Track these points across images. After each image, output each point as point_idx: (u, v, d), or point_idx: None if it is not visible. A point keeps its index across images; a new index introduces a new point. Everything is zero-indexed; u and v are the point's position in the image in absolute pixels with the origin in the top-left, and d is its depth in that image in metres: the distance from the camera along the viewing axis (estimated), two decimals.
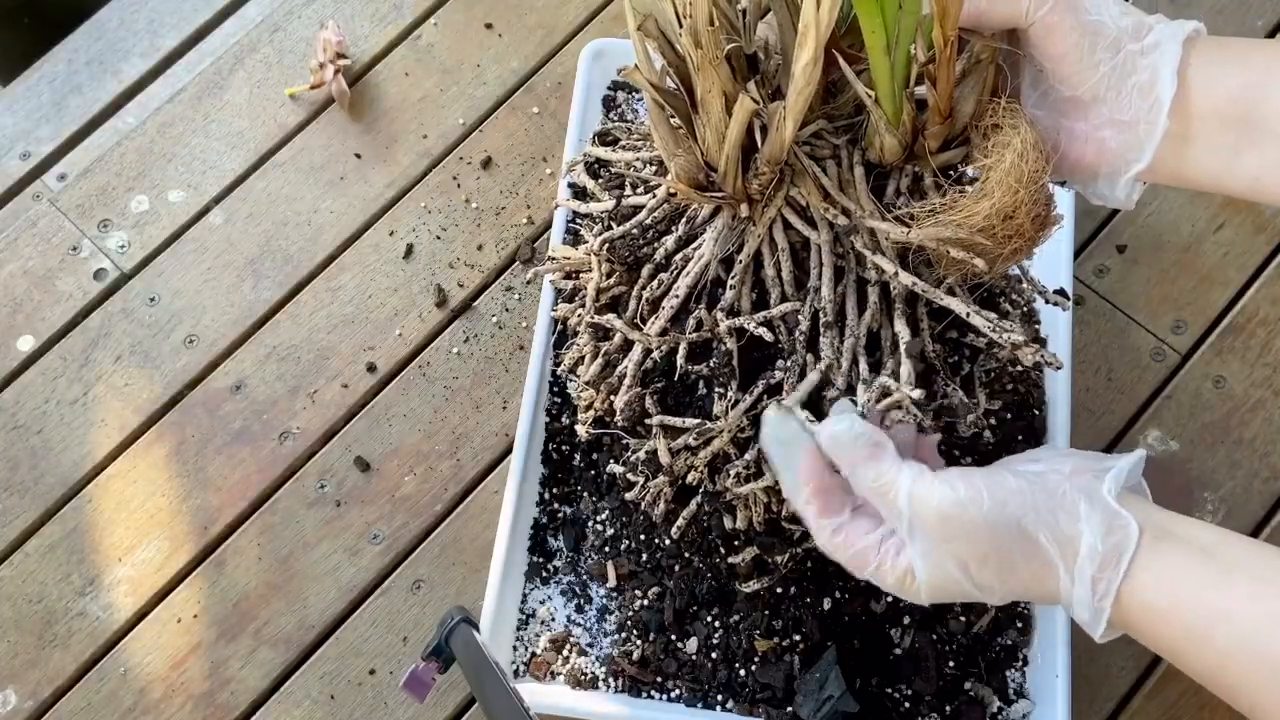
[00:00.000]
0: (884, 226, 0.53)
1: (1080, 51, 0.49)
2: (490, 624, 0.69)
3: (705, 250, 0.56)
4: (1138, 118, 0.50)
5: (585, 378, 0.59)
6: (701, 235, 0.57)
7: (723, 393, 0.55)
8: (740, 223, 0.55)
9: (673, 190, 0.56)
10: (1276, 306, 0.82)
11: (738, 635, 0.69)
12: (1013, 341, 0.53)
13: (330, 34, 0.91)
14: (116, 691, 0.75)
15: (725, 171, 0.53)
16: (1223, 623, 0.44)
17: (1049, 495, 0.48)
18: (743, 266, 0.56)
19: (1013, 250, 0.52)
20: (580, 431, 0.62)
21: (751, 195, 0.54)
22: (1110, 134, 0.51)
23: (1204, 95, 0.49)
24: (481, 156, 0.89)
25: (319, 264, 0.86)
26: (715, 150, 0.52)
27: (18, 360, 0.84)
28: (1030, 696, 0.69)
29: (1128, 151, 0.51)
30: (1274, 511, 0.77)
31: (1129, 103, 0.50)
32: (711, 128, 0.51)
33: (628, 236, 0.59)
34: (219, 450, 0.81)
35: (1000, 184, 0.50)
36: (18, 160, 0.91)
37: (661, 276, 0.57)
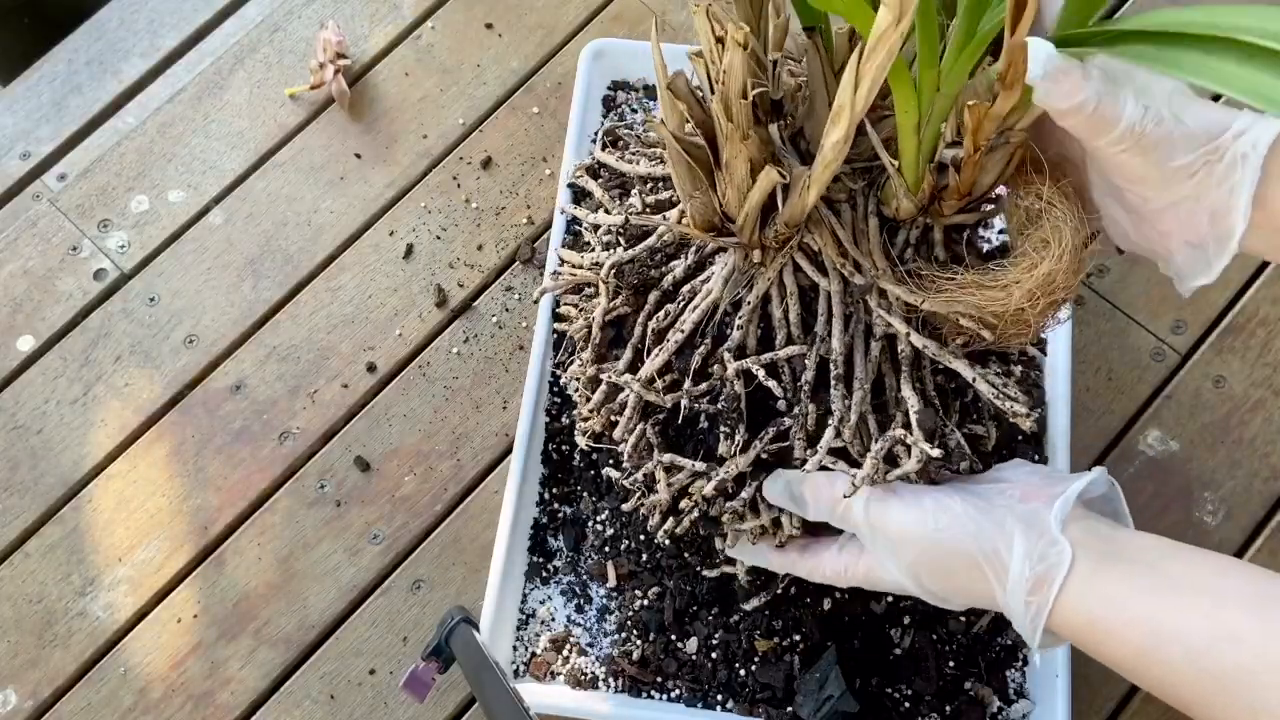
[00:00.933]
0: (898, 290, 0.53)
1: (1149, 182, 0.46)
2: (490, 624, 0.69)
3: (714, 289, 0.56)
4: (1207, 242, 0.47)
5: (589, 407, 0.59)
6: (710, 266, 0.57)
7: (729, 432, 0.55)
8: (752, 266, 0.55)
9: (685, 228, 0.56)
10: (1276, 306, 0.82)
11: (738, 635, 0.69)
12: (1014, 411, 0.54)
13: (330, 34, 0.91)
14: (116, 691, 0.75)
15: (742, 225, 0.53)
16: (1167, 639, 0.46)
17: (990, 520, 0.50)
18: (750, 308, 0.55)
19: (1017, 335, 0.53)
20: (580, 442, 0.63)
21: (765, 244, 0.54)
22: (1177, 247, 0.48)
23: None
24: (481, 156, 0.89)
25: (319, 264, 0.86)
26: (735, 205, 0.52)
27: (18, 360, 0.84)
28: (1030, 696, 0.69)
29: (1194, 267, 0.48)
30: (1274, 511, 0.77)
31: (1199, 227, 0.47)
32: (734, 187, 0.51)
33: (637, 260, 0.59)
34: (219, 450, 0.81)
35: (1025, 289, 0.49)
36: (18, 160, 0.91)
37: (668, 307, 0.57)
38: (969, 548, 0.50)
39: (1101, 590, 0.48)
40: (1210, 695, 0.45)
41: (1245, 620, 0.44)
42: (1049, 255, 0.49)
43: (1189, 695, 0.46)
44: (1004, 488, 0.53)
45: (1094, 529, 0.50)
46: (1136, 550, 0.49)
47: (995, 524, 0.50)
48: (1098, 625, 0.48)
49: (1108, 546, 0.49)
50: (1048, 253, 0.49)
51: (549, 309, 0.76)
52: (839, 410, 0.54)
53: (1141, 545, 0.49)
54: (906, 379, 0.55)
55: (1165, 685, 0.47)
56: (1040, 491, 0.52)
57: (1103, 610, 0.48)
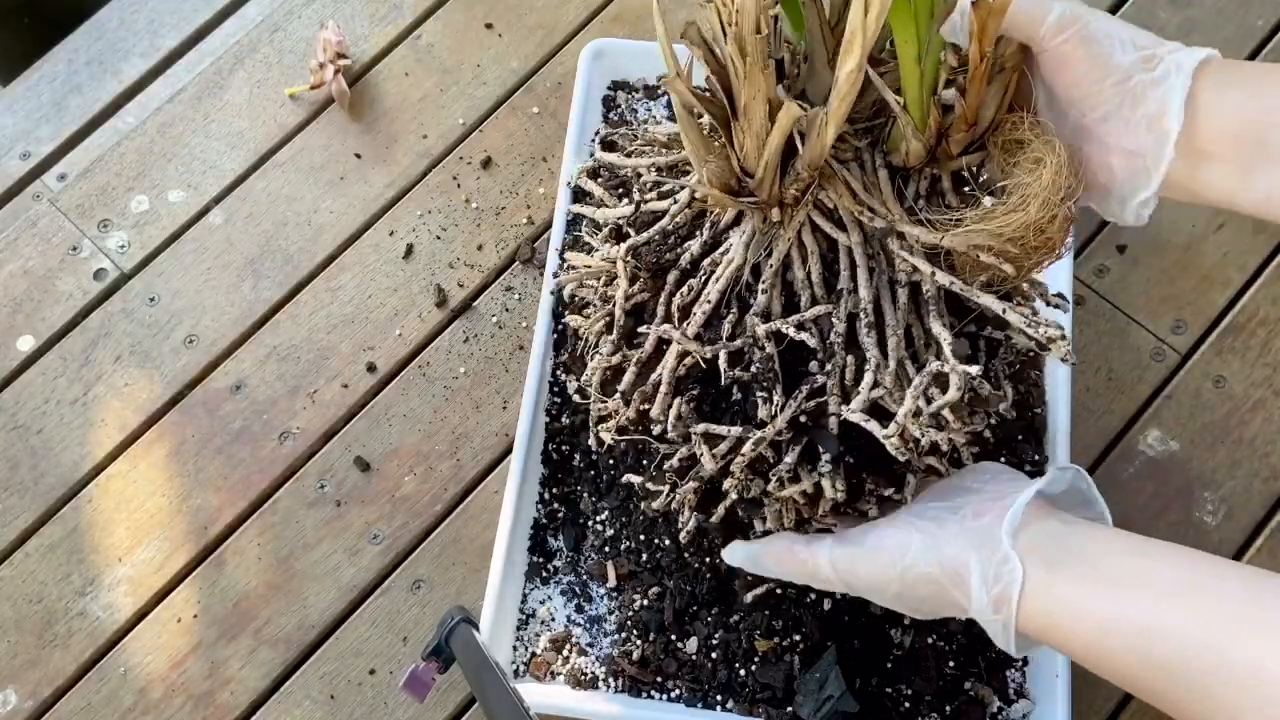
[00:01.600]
0: (916, 230, 0.54)
1: (1091, 81, 0.51)
2: (490, 624, 0.69)
3: (735, 255, 0.56)
4: (1145, 149, 0.50)
5: (620, 391, 0.59)
6: (727, 240, 0.57)
7: (766, 397, 0.54)
8: (771, 227, 0.55)
9: (702, 195, 0.56)
10: (1276, 306, 0.82)
11: (738, 635, 0.69)
12: (1048, 336, 0.54)
13: (330, 34, 0.91)
14: (116, 691, 0.75)
15: (762, 177, 0.53)
16: (1109, 633, 0.48)
17: (949, 548, 0.52)
18: (773, 270, 0.56)
19: (1039, 259, 0.54)
20: (606, 439, 0.61)
21: (784, 200, 0.54)
22: (1118, 161, 0.52)
23: (1216, 118, 0.50)
24: (481, 156, 0.89)
25: (319, 264, 0.86)
26: (754, 156, 0.52)
27: (18, 360, 0.84)
28: (1030, 696, 0.69)
29: (1134, 179, 0.52)
30: (1274, 511, 0.77)
31: (1137, 134, 0.50)
32: (752, 134, 0.51)
33: (652, 243, 0.59)
34: (219, 450, 0.81)
35: (1037, 198, 0.51)
36: (18, 160, 0.91)
37: (690, 282, 0.57)
38: (936, 578, 0.52)
39: (1051, 592, 0.50)
40: (1153, 683, 0.47)
41: (1173, 609, 0.46)
42: (1050, 162, 0.51)
43: (1137, 684, 0.48)
44: (959, 504, 0.54)
45: (1045, 531, 0.52)
46: (1081, 547, 0.51)
47: (954, 551, 0.52)
48: (1055, 625, 0.50)
49: (1056, 548, 0.51)
50: (1047, 162, 0.51)
51: (549, 309, 0.76)
52: (874, 359, 0.54)
53: (1087, 541, 0.51)
54: (935, 317, 0.55)
55: (1118, 677, 0.49)
56: (994, 504, 0.53)
57: (1056, 611, 0.50)
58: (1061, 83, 0.52)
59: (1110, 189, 0.53)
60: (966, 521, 0.53)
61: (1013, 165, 0.53)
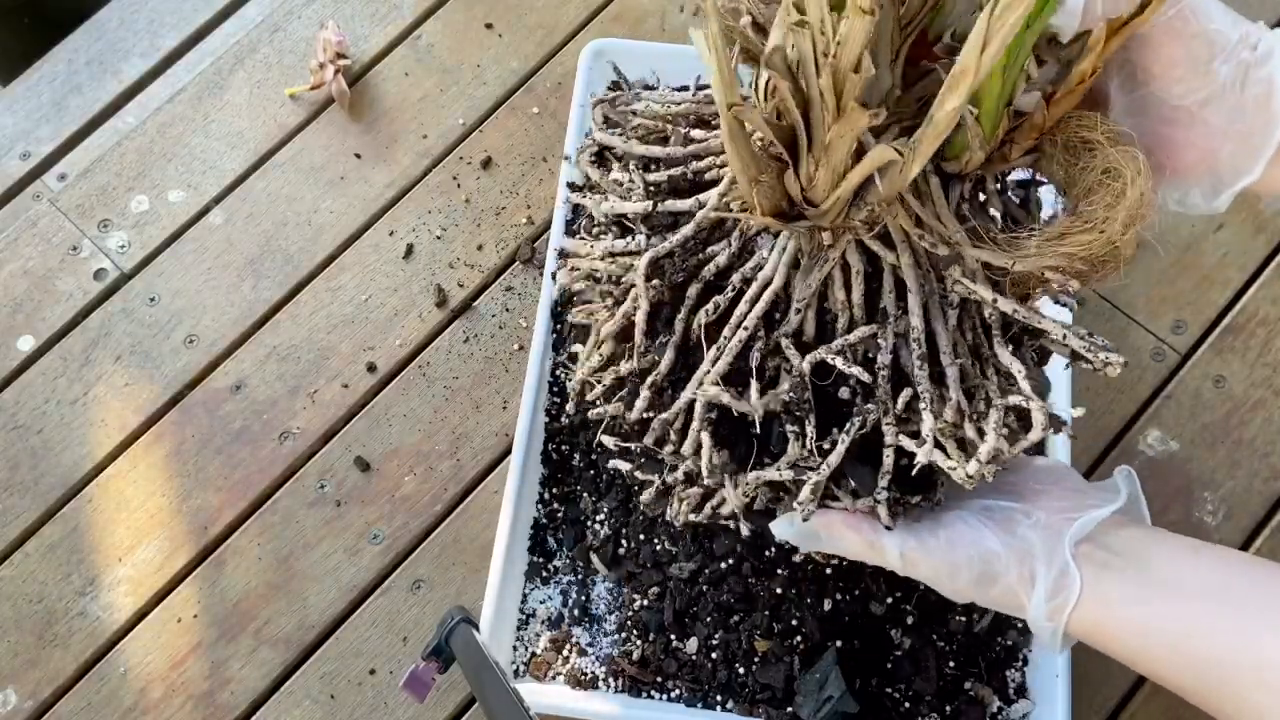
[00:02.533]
0: (982, 255, 0.51)
1: (1196, 60, 0.48)
2: (490, 624, 0.69)
3: (775, 276, 0.52)
4: (1253, 129, 0.48)
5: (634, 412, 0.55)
6: (757, 251, 0.53)
7: (798, 432, 0.51)
8: (819, 249, 0.51)
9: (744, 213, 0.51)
10: (1276, 306, 0.82)
11: (738, 635, 0.69)
12: (1108, 360, 0.52)
13: (330, 34, 0.91)
14: (116, 691, 0.75)
15: (829, 208, 0.48)
16: (1152, 637, 0.49)
17: (1017, 552, 0.52)
18: (811, 292, 0.52)
19: (1105, 273, 0.51)
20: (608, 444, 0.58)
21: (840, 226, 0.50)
22: (1221, 144, 0.49)
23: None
24: (481, 156, 0.89)
25: (319, 264, 0.86)
26: (825, 187, 0.48)
27: (18, 360, 0.84)
28: (1030, 696, 0.69)
29: (1239, 163, 0.49)
30: (1274, 511, 0.77)
31: (1246, 114, 0.48)
32: (829, 169, 0.47)
33: (675, 255, 0.54)
34: (219, 450, 0.81)
35: (1122, 214, 0.48)
36: (18, 160, 0.91)
37: (716, 300, 0.53)
38: (1009, 583, 0.53)
39: (1098, 597, 0.50)
40: (1194, 684, 0.48)
41: (1211, 611, 0.47)
42: (1131, 176, 0.48)
43: (1179, 685, 0.49)
44: (1029, 508, 0.54)
45: (1099, 539, 0.52)
46: (1128, 551, 0.51)
47: (1022, 555, 0.52)
48: (1100, 629, 0.51)
49: (1105, 552, 0.51)
50: (1128, 175, 0.48)
51: (549, 308, 0.76)
52: (927, 391, 0.51)
53: (1133, 545, 0.52)
54: (1000, 345, 0.52)
55: (1160, 678, 0.50)
56: (1060, 515, 0.53)
57: (1102, 616, 0.50)
58: (1162, 60, 0.48)
59: (1204, 177, 0.50)
60: (1038, 529, 0.53)
61: (1079, 169, 0.50)
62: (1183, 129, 0.50)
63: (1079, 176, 0.50)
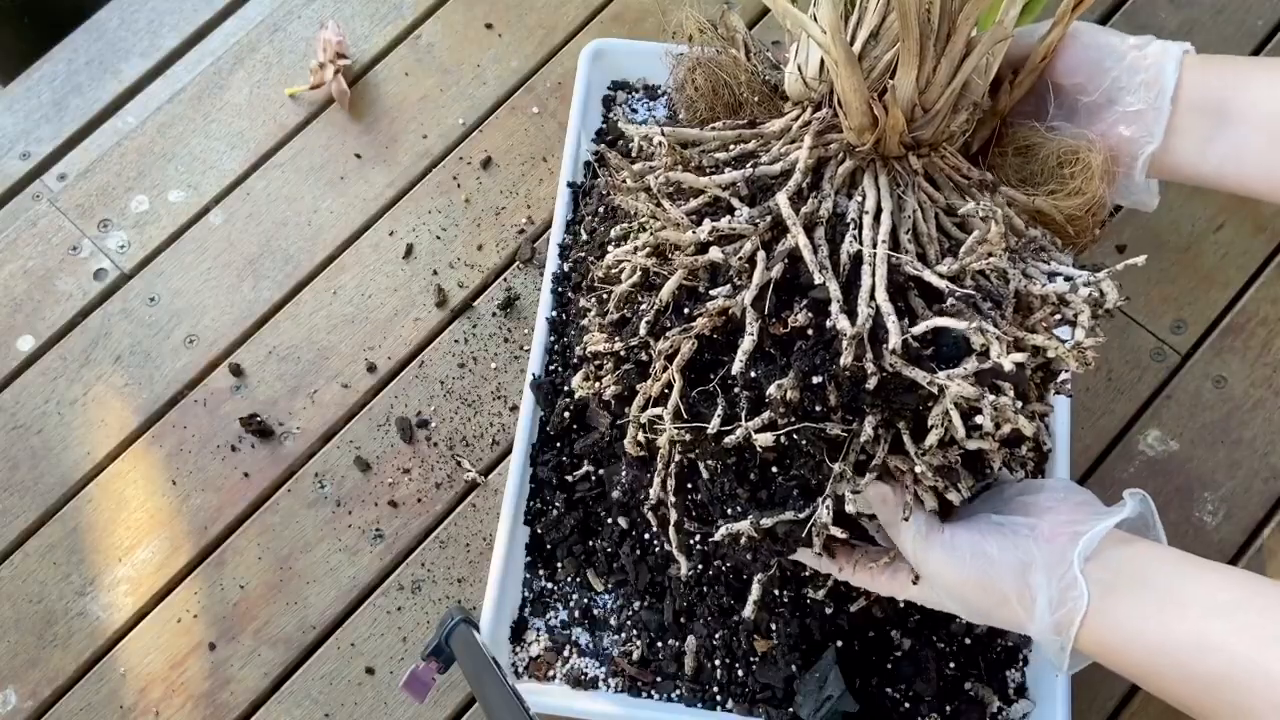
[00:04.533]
0: (1013, 192, 0.59)
1: (1089, 64, 0.59)
2: (490, 624, 0.69)
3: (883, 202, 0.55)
4: (1146, 106, 0.58)
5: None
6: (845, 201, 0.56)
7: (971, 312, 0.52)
8: (911, 175, 0.56)
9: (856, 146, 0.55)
10: (1276, 306, 0.82)
11: (738, 635, 0.69)
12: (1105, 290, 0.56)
13: (330, 34, 0.91)
14: (116, 691, 0.75)
15: (941, 107, 0.55)
16: (1158, 653, 0.49)
17: (1019, 563, 0.53)
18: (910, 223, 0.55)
19: (1083, 243, 0.60)
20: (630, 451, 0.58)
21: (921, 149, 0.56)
22: (1124, 127, 0.58)
23: (1186, 94, 0.57)
24: (481, 156, 0.89)
25: (319, 264, 0.86)
26: (941, 83, 0.54)
27: (18, 360, 0.84)
28: (1030, 696, 0.69)
29: (1140, 136, 0.58)
30: (1274, 511, 0.77)
31: (1139, 96, 0.58)
32: (950, 58, 0.53)
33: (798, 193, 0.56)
34: (219, 450, 0.81)
35: (1097, 176, 0.57)
36: (18, 160, 0.91)
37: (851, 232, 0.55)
38: (1003, 588, 0.54)
39: (1106, 614, 0.51)
40: (1200, 700, 0.48)
41: (1219, 627, 0.47)
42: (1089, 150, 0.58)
43: (1186, 702, 0.49)
44: (1035, 522, 0.55)
45: (1106, 553, 0.52)
46: (1137, 569, 0.51)
47: (1022, 566, 0.53)
48: (1108, 646, 0.51)
49: (1113, 570, 0.52)
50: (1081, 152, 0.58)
51: (548, 308, 0.76)
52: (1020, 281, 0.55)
53: (1143, 562, 0.52)
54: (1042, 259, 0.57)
55: (1168, 695, 0.50)
56: (1067, 528, 0.53)
57: (1110, 632, 0.51)
58: (1063, 71, 0.59)
59: (1120, 158, 0.59)
60: (1040, 542, 0.53)
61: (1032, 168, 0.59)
62: (1098, 122, 0.60)
63: (1036, 172, 0.59)
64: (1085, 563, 0.52)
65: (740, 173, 0.56)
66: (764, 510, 0.56)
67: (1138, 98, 0.58)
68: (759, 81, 0.62)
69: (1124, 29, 0.89)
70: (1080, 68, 0.59)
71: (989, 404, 0.51)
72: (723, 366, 0.54)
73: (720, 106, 0.62)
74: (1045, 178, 0.59)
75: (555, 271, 0.78)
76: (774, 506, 0.56)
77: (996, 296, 0.54)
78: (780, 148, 0.58)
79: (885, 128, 0.55)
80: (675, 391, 0.55)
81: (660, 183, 0.57)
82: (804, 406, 0.53)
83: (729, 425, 0.53)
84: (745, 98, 0.61)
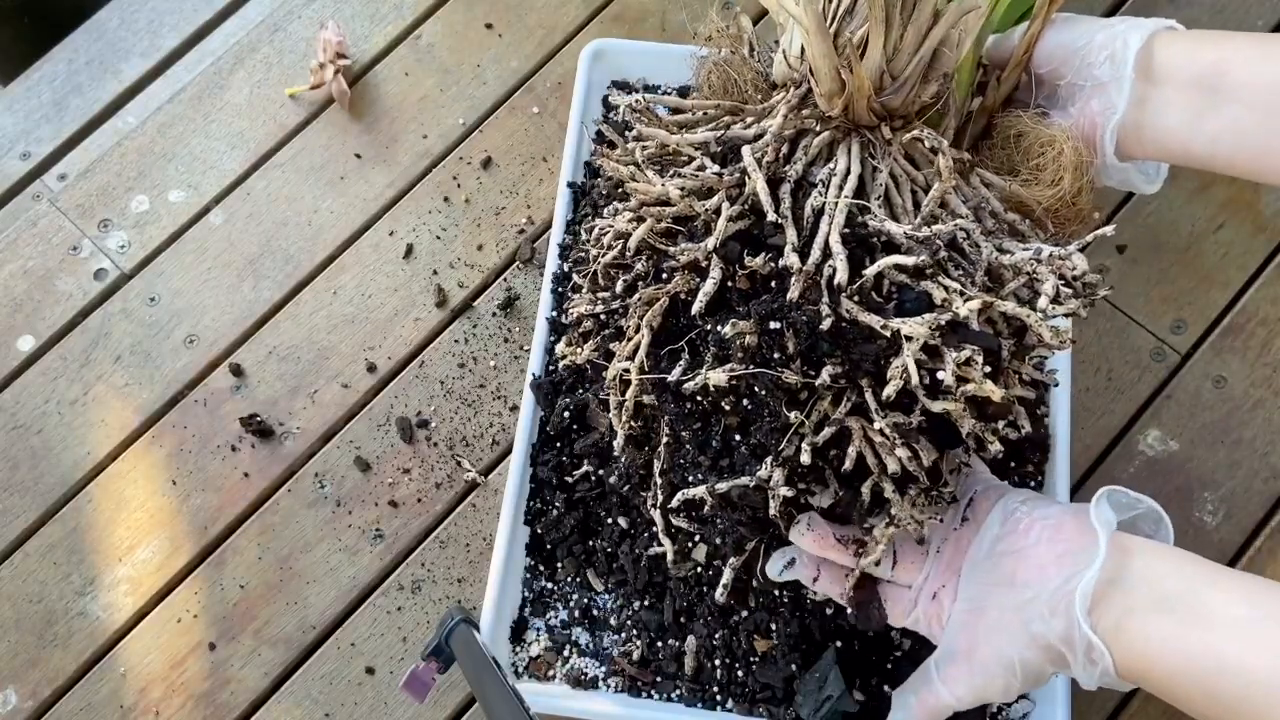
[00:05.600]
0: (989, 175, 0.60)
1: (1061, 51, 0.60)
2: (490, 624, 0.69)
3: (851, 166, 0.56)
4: (1109, 78, 0.58)
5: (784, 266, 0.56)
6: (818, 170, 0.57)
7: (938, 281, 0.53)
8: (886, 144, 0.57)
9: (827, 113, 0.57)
10: (1276, 306, 0.82)
11: (738, 635, 0.69)
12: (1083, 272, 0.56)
13: (330, 34, 0.91)
14: (116, 691, 0.75)
15: (910, 75, 0.56)
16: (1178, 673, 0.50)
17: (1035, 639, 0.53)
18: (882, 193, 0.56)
19: (1073, 230, 0.60)
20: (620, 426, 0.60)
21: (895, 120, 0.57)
22: (1095, 102, 0.59)
23: (1175, 65, 0.57)
24: (481, 156, 0.89)
25: (319, 264, 0.86)
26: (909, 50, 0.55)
27: (18, 360, 0.84)
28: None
29: (1106, 109, 0.58)
30: (1274, 511, 0.77)
31: (1104, 70, 0.59)
32: (917, 25, 0.55)
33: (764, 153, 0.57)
34: (219, 450, 0.81)
35: (1069, 168, 0.58)
36: (18, 160, 0.92)
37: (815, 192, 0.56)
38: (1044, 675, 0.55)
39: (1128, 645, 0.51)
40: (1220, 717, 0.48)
41: (1235, 649, 0.47)
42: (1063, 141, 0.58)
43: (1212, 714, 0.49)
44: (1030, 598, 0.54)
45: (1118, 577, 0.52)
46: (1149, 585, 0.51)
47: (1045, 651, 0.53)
48: (1134, 672, 0.51)
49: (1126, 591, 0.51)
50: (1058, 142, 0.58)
51: (548, 308, 0.76)
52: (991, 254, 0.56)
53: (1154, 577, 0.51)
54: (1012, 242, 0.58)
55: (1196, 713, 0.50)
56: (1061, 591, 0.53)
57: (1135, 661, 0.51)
58: (1040, 60, 0.61)
59: (1093, 134, 0.59)
60: (1045, 621, 0.53)
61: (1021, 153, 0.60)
62: (1075, 102, 0.60)
63: (1023, 158, 0.60)
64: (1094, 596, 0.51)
65: (713, 133, 0.59)
66: (722, 477, 0.56)
67: (1103, 71, 0.59)
68: (762, 79, 0.63)
69: None
70: (1055, 53, 0.61)
71: (951, 358, 0.51)
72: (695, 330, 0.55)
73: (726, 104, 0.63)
74: (1031, 167, 0.60)
75: (555, 271, 0.78)
76: (734, 474, 0.56)
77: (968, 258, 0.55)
78: (760, 123, 0.59)
79: (852, 91, 0.56)
80: (643, 344, 0.56)
81: (646, 156, 0.60)
82: (762, 353, 0.53)
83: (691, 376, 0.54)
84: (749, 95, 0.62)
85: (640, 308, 0.57)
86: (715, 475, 0.56)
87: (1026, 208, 0.60)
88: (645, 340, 0.56)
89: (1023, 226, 0.59)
